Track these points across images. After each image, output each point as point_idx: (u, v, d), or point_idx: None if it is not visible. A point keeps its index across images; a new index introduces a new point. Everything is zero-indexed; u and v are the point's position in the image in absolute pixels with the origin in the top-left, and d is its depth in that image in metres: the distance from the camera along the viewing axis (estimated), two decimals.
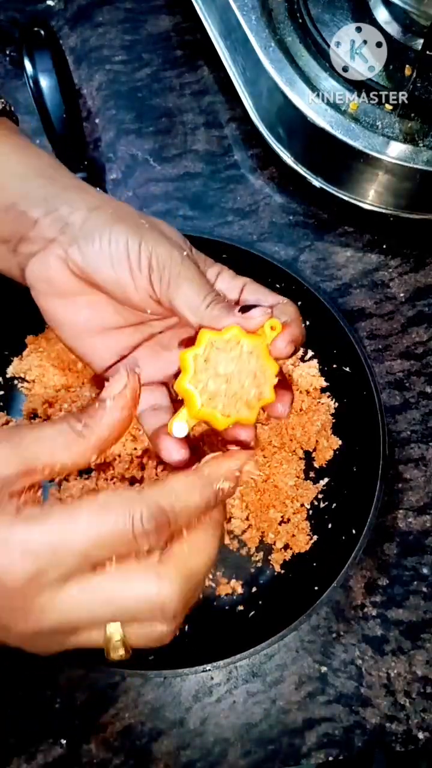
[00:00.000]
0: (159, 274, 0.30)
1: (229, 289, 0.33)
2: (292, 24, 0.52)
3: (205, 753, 0.41)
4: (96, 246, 0.31)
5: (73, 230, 0.31)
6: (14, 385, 0.48)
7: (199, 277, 0.31)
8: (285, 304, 0.32)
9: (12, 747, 0.41)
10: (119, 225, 0.31)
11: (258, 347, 0.30)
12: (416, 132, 0.49)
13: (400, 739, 0.42)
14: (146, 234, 0.31)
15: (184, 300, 0.30)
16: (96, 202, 0.32)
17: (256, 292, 0.33)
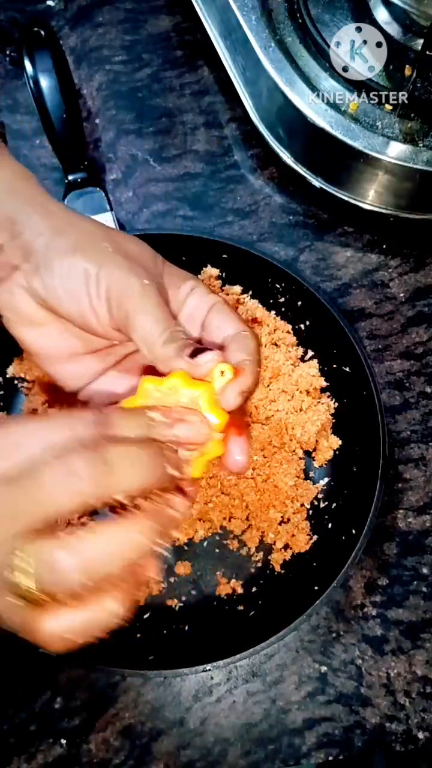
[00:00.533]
0: (117, 306, 0.29)
1: (198, 308, 0.32)
2: (292, 24, 0.52)
3: (205, 753, 0.41)
4: (55, 278, 0.30)
5: (36, 258, 0.30)
6: (14, 385, 0.48)
7: (157, 311, 0.29)
8: (245, 335, 0.30)
9: (12, 747, 0.41)
10: (77, 254, 0.30)
11: (199, 398, 0.28)
12: (416, 132, 0.49)
13: (400, 739, 0.42)
14: (105, 262, 0.29)
15: (141, 334, 0.29)
16: (60, 225, 0.31)
17: (220, 315, 0.31)
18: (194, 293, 0.32)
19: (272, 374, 0.47)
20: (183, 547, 0.45)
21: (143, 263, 0.31)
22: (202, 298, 0.32)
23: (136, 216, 0.55)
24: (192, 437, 0.27)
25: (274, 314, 0.50)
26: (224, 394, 0.28)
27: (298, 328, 0.49)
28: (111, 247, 0.30)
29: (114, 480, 0.23)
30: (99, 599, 0.24)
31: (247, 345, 0.30)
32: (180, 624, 0.43)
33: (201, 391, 0.28)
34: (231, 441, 0.29)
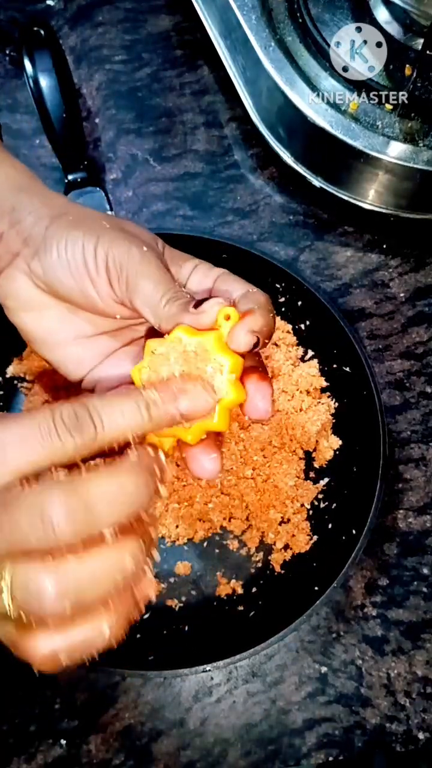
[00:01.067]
0: (117, 275, 0.29)
1: (203, 282, 0.31)
2: (292, 24, 0.52)
3: (205, 753, 0.41)
4: (54, 256, 0.30)
5: (35, 242, 0.30)
6: (14, 385, 0.48)
7: (159, 273, 0.29)
8: (253, 292, 0.29)
9: (12, 747, 0.41)
10: (75, 231, 0.30)
11: (205, 343, 0.27)
12: (416, 132, 0.49)
13: (400, 740, 0.42)
14: (103, 235, 0.29)
15: (143, 299, 0.29)
16: (58, 210, 0.31)
17: (227, 282, 0.30)
18: (197, 270, 0.31)
19: (272, 374, 0.47)
20: (183, 547, 0.45)
21: (142, 238, 0.31)
22: (206, 273, 0.31)
23: (136, 216, 0.55)
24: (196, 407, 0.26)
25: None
26: (232, 335, 0.27)
27: (298, 328, 0.49)
28: (107, 223, 0.30)
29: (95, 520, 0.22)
30: (92, 620, 0.24)
31: (256, 299, 0.29)
32: (180, 624, 0.43)
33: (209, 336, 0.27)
34: (252, 385, 0.28)
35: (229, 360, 0.27)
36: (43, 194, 0.32)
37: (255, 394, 0.28)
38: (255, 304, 0.28)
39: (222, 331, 0.27)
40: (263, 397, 0.28)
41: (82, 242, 0.29)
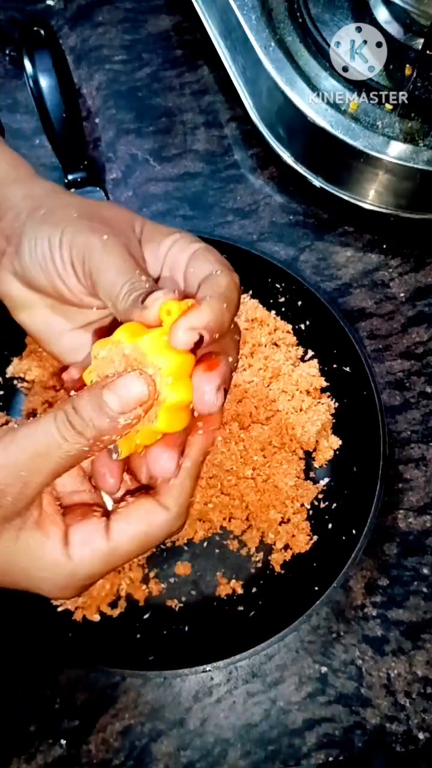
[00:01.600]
0: (81, 268, 0.28)
1: (179, 258, 0.30)
2: (292, 24, 0.52)
3: (205, 753, 0.41)
4: (26, 255, 0.29)
5: (15, 239, 0.30)
6: (14, 385, 0.48)
7: (119, 263, 0.28)
8: (217, 275, 0.27)
9: (12, 747, 0.41)
10: (42, 226, 0.29)
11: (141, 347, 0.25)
12: (416, 132, 0.49)
13: (400, 740, 0.42)
14: (67, 227, 0.29)
15: (104, 291, 0.28)
16: (36, 203, 0.30)
17: (198, 261, 0.29)
18: (176, 244, 0.30)
19: (272, 374, 0.47)
20: (183, 547, 0.45)
21: (111, 223, 0.29)
22: (183, 248, 0.30)
23: None
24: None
25: (274, 314, 0.50)
26: (171, 332, 0.25)
27: (298, 328, 0.49)
28: (76, 212, 0.29)
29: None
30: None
31: (216, 284, 0.27)
32: (180, 624, 0.43)
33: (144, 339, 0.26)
34: (196, 378, 0.26)
35: (166, 361, 0.25)
36: (28, 186, 0.31)
37: (199, 386, 0.26)
38: (212, 292, 0.26)
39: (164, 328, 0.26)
40: (210, 389, 0.26)
41: (48, 238, 0.29)
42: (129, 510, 0.28)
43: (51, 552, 0.27)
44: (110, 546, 0.28)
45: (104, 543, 0.28)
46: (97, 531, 0.28)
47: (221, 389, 0.27)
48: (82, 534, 0.28)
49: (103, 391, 0.25)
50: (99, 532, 0.28)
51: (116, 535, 0.28)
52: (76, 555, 0.27)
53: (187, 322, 0.25)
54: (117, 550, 0.28)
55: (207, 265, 0.28)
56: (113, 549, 0.28)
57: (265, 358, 0.47)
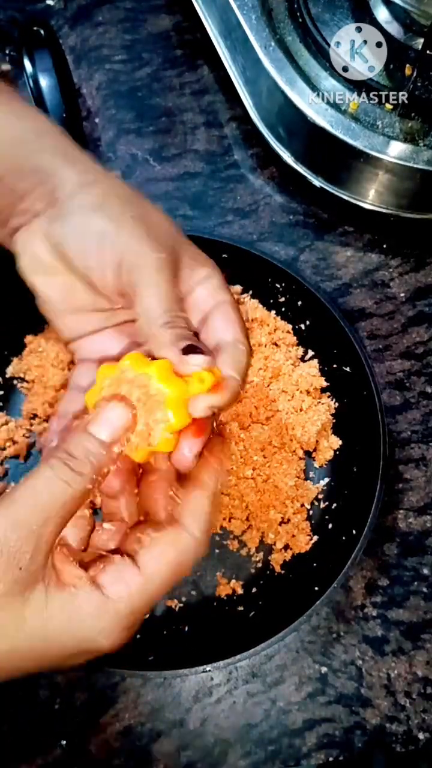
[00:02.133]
0: (127, 273, 0.29)
1: (205, 301, 0.31)
2: (292, 23, 0.52)
3: (205, 754, 0.41)
4: (71, 229, 0.29)
5: (58, 206, 0.30)
6: (14, 385, 0.48)
7: (166, 289, 0.29)
8: (241, 350, 0.30)
9: (12, 747, 0.41)
10: (98, 212, 0.29)
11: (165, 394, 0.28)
12: (416, 131, 0.49)
13: (400, 740, 0.42)
14: (123, 226, 0.29)
15: (142, 309, 0.29)
16: (87, 178, 0.30)
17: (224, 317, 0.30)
18: (206, 283, 0.31)
19: (272, 374, 0.47)
20: None
21: (162, 235, 0.30)
22: (213, 292, 0.31)
23: None
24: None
25: (274, 314, 0.50)
26: (194, 402, 0.28)
27: (298, 328, 0.49)
28: (133, 212, 0.30)
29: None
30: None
31: (238, 360, 0.29)
32: (180, 624, 0.43)
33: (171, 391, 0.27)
34: (184, 437, 0.29)
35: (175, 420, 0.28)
36: (71, 154, 0.31)
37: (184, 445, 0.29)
38: (234, 369, 0.29)
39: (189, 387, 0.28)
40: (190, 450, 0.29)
41: (102, 227, 0.29)
42: (154, 540, 0.28)
43: (86, 601, 0.26)
44: (144, 577, 0.27)
45: (137, 575, 0.27)
46: (125, 567, 0.27)
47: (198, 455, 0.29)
48: (110, 575, 0.27)
49: (89, 426, 0.27)
50: (127, 567, 0.27)
51: (147, 566, 0.27)
52: (113, 593, 0.26)
53: (212, 401, 0.28)
54: (152, 580, 0.27)
55: (232, 328, 0.30)
56: (147, 579, 0.27)
57: (265, 358, 0.47)
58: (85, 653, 0.27)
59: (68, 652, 0.26)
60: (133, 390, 0.28)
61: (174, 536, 0.28)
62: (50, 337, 0.48)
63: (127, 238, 0.29)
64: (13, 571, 0.24)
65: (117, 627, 0.26)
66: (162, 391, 0.28)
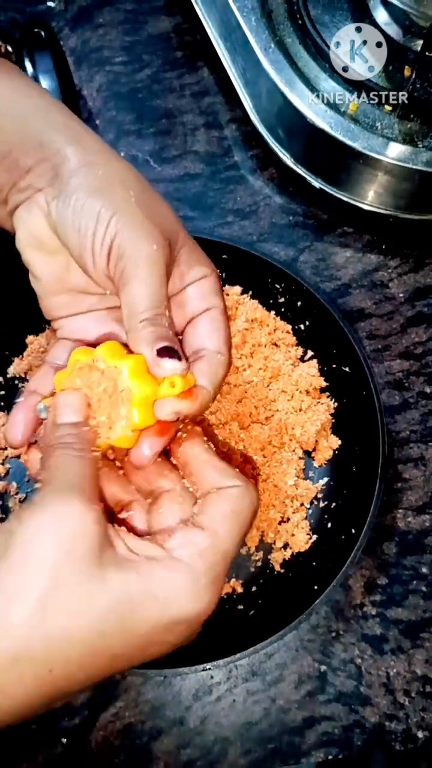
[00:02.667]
0: (116, 260, 0.28)
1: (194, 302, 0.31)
2: (291, 25, 0.52)
3: (205, 752, 0.41)
4: (69, 209, 0.29)
5: (60, 183, 0.30)
6: (14, 385, 0.48)
7: (155, 284, 0.28)
8: (218, 360, 0.30)
9: (12, 746, 0.41)
10: (97, 195, 0.29)
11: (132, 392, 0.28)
12: (415, 133, 0.49)
13: (399, 738, 0.42)
14: (121, 211, 0.28)
15: (127, 299, 0.28)
16: (91, 158, 0.30)
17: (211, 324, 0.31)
18: (200, 284, 0.31)
19: (272, 374, 0.47)
20: None
21: (161, 225, 0.30)
22: (205, 294, 0.31)
23: None
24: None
25: (274, 314, 0.50)
26: (160, 404, 0.28)
27: (298, 328, 0.50)
28: (134, 197, 0.29)
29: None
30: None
31: (215, 372, 0.29)
32: None
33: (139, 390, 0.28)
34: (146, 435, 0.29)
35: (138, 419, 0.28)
36: (76, 131, 0.31)
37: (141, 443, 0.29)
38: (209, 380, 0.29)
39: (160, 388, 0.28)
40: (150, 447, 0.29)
41: (99, 211, 0.28)
42: (203, 502, 0.28)
43: (160, 563, 0.25)
44: (210, 535, 0.27)
45: (202, 535, 0.27)
46: (188, 530, 0.27)
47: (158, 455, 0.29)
48: (176, 540, 0.27)
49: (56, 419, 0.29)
50: (189, 530, 0.27)
51: (208, 524, 0.27)
52: (185, 556, 0.26)
53: (178, 406, 0.28)
54: (217, 534, 0.27)
55: (215, 335, 0.30)
56: (214, 536, 0.27)
57: (265, 358, 0.47)
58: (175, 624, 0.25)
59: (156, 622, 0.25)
60: (102, 380, 0.28)
61: (222, 492, 0.28)
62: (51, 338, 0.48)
63: (124, 225, 0.28)
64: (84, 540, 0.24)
65: (198, 586, 0.25)
66: (130, 388, 0.28)
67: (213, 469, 0.29)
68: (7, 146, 0.30)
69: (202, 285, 0.31)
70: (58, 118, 0.31)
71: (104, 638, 0.24)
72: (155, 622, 0.25)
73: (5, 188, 0.31)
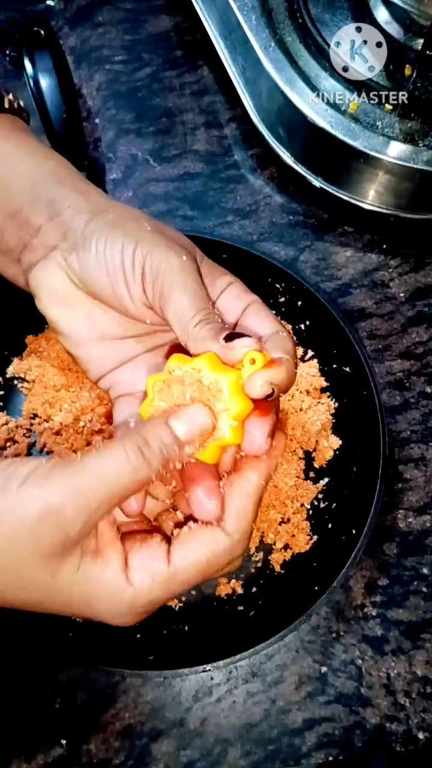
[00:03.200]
0: (152, 281, 0.29)
1: (233, 305, 0.31)
2: (292, 24, 0.52)
3: (205, 753, 0.41)
4: (92, 253, 0.30)
5: (74, 237, 0.30)
6: (14, 385, 0.48)
7: (195, 287, 0.29)
8: (283, 336, 0.29)
9: (12, 747, 0.41)
10: (116, 231, 0.29)
11: (221, 383, 0.27)
12: (416, 132, 0.49)
13: (400, 740, 0.42)
14: (143, 238, 0.29)
15: (175, 312, 0.28)
16: (100, 207, 0.31)
17: (258, 315, 0.30)
18: (231, 289, 0.31)
19: None
20: None
21: (180, 244, 0.30)
22: (239, 296, 0.31)
23: None
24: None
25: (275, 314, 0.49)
26: (250, 380, 0.27)
27: (298, 328, 0.49)
28: (149, 226, 0.30)
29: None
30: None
31: (284, 344, 0.29)
32: (180, 624, 0.43)
33: (227, 377, 0.27)
34: (251, 422, 0.28)
35: (238, 405, 0.27)
36: (83, 188, 0.32)
37: (251, 430, 0.28)
38: (283, 352, 0.28)
39: (242, 372, 0.27)
40: (261, 432, 0.28)
41: (122, 243, 0.29)
42: (191, 535, 0.28)
43: (111, 578, 0.27)
44: (171, 571, 0.27)
45: (165, 567, 0.27)
46: (157, 556, 0.28)
47: (270, 435, 0.28)
48: (142, 559, 0.27)
49: (170, 419, 0.27)
50: (159, 556, 0.28)
51: (177, 561, 0.27)
52: (136, 580, 0.27)
53: (268, 376, 0.27)
54: (177, 575, 0.27)
55: (268, 322, 0.30)
56: (174, 574, 0.27)
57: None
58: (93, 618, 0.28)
59: (78, 615, 0.28)
60: (186, 389, 0.28)
61: (210, 535, 0.28)
62: (51, 338, 0.48)
63: (149, 249, 0.29)
64: (60, 536, 0.25)
65: (130, 612, 0.27)
66: (216, 379, 0.27)
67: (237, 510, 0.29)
68: (17, 205, 0.31)
69: (232, 290, 0.31)
70: (65, 176, 0.32)
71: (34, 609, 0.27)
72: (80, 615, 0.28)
73: (17, 248, 0.32)
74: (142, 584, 0.27)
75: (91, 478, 0.25)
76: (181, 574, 0.27)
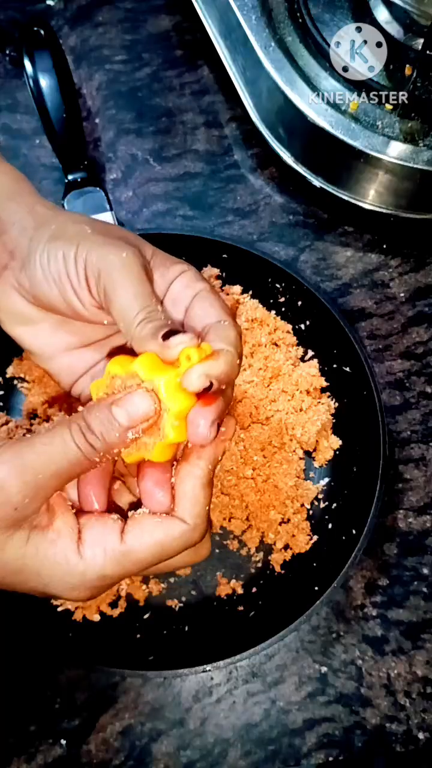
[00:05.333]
0: (95, 282, 0.28)
1: (183, 294, 0.30)
2: (292, 24, 0.52)
3: (205, 753, 0.41)
4: (38, 268, 0.29)
5: (21, 255, 0.30)
6: (14, 385, 0.48)
7: (137, 285, 0.28)
8: (225, 326, 0.29)
9: (12, 747, 0.41)
10: (57, 241, 0.29)
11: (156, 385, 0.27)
12: (416, 132, 0.49)
13: (400, 740, 0.42)
14: (83, 242, 0.29)
15: (118, 310, 0.28)
16: (43, 220, 0.30)
17: (204, 302, 0.30)
18: (181, 278, 0.31)
19: (272, 374, 0.47)
20: None
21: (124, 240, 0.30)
22: (189, 284, 0.30)
23: (136, 216, 0.55)
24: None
25: (274, 314, 0.50)
26: (186, 376, 0.27)
27: (298, 328, 0.49)
28: (90, 229, 0.30)
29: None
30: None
31: (226, 335, 0.28)
32: (180, 624, 0.43)
33: (162, 378, 0.27)
34: (194, 412, 0.27)
35: (177, 404, 0.27)
36: (30, 202, 0.31)
37: (194, 420, 0.27)
38: (224, 342, 0.28)
39: (179, 370, 0.27)
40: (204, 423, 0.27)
41: (63, 252, 0.29)
42: (146, 516, 0.28)
43: (61, 550, 0.27)
44: (124, 548, 0.28)
45: (118, 544, 0.28)
46: (112, 531, 0.28)
47: (215, 424, 0.27)
48: (95, 533, 0.28)
49: (112, 407, 0.27)
50: (113, 533, 0.28)
51: (131, 539, 0.28)
52: (88, 554, 0.27)
53: (203, 369, 0.27)
54: (131, 554, 0.28)
55: (213, 310, 0.29)
56: (127, 552, 0.28)
57: (265, 358, 0.47)
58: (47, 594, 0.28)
59: (29, 587, 0.28)
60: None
61: (164, 519, 0.28)
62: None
63: (89, 250, 0.28)
64: (7, 510, 0.26)
65: (81, 586, 0.28)
66: (152, 381, 0.27)
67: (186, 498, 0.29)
68: None
69: (183, 279, 0.31)
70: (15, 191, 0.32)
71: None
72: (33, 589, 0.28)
73: None
74: (95, 558, 0.27)
75: (35, 456, 0.26)
76: (134, 553, 0.28)
